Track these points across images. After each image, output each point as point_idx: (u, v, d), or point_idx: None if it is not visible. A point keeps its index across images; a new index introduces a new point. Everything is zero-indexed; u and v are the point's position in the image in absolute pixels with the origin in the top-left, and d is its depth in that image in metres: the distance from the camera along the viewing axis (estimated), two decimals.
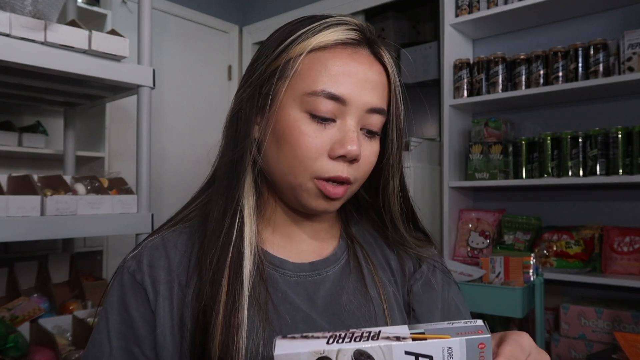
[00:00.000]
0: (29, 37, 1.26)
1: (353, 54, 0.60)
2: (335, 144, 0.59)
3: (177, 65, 3.12)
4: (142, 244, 0.65)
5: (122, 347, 0.60)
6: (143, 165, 1.52)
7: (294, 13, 3.23)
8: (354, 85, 0.59)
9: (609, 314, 1.83)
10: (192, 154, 3.12)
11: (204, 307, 0.57)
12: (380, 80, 0.62)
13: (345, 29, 0.61)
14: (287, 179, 0.60)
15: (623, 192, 2.04)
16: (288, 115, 0.59)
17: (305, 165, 0.59)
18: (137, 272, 0.61)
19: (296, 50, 0.59)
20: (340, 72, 0.59)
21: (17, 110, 2.50)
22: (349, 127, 0.59)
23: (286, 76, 0.59)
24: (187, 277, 0.61)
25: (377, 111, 0.61)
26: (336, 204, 0.62)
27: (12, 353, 1.39)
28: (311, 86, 0.58)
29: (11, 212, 1.23)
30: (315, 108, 0.58)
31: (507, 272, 1.62)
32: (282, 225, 0.67)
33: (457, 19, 2.23)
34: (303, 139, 0.58)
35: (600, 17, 2.10)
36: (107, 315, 0.61)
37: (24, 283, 1.81)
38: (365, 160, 0.62)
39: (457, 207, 2.31)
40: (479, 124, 2.24)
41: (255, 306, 0.59)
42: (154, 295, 0.60)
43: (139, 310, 0.60)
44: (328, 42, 0.59)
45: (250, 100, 0.62)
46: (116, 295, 0.62)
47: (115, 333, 0.60)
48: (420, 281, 0.71)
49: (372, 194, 0.71)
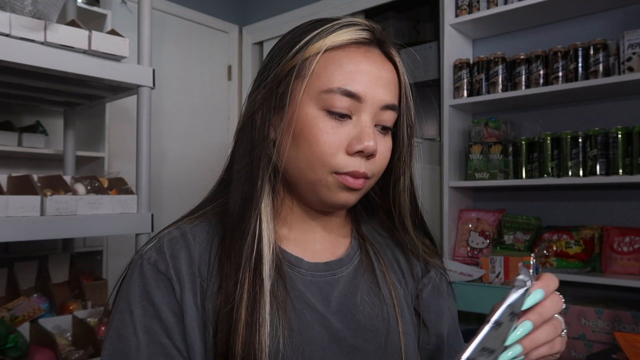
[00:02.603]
0: (29, 37, 1.26)
1: (366, 52, 0.62)
2: (352, 140, 0.60)
3: (177, 65, 3.12)
4: (160, 236, 0.64)
5: (151, 341, 0.58)
6: (143, 165, 1.52)
7: (294, 13, 3.22)
8: (369, 83, 0.61)
9: (609, 314, 1.83)
10: (192, 154, 3.12)
11: (226, 304, 0.57)
12: (391, 78, 0.64)
13: (357, 29, 0.63)
14: (307, 176, 0.62)
15: (623, 192, 2.04)
16: (306, 114, 0.61)
17: (324, 161, 0.60)
18: (159, 263, 0.60)
19: (312, 50, 0.61)
20: (355, 70, 0.61)
21: (17, 110, 2.50)
22: (365, 124, 0.61)
23: (303, 75, 0.61)
24: (208, 271, 0.61)
25: (390, 107, 0.63)
26: (357, 195, 0.64)
27: (12, 353, 1.39)
28: (327, 84, 0.60)
29: (11, 212, 1.23)
30: (332, 105, 0.60)
31: (507, 272, 1.62)
32: (297, 224, 0.68)
33: (457, 19, 2.23)
34: (321, 136, 0.60)
35: (600, 17, 2.10)
36: (130, 308, 0.59)
37: (24, 283, 1.81)
38: (381, 156, 0.63)
39: (457, 207, 2.31)
40: (479, 124, 2.24)
41: (275, 304, 0.60)
42: (179, 287, 0.59)
43: (164, 301, 0.59)
44: (342, 41, 0.62)
45: (266, 101, 0.63)
46: (138, 288, 0.60)
47: (141, 327, 0.58)
48: (429, 287, 0.73)
49: (382, 193, 0.72)
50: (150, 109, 1.53)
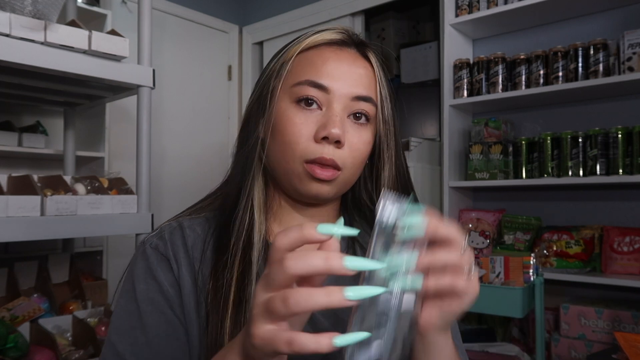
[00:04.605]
0: (29, 37, 1.26)
1: (337, 50, 0.66)
2: (319, 127, 0.63)
3: (177, 65, 3.12)
4: (161, 227, 0.69)
5: (154, 310, 0.63)
6: (143, 165, 1.52)
7: (294, 13, 3.22)
8: (337, 76, 0.64)
9: (609, 314, 1.83)
10: (192, 154, 3.12)
11: (220, 285, 0.61)
12: (365, 73, 0.66)
13: (332, 32, 0.68)
14: (282, 167, 0.65)
15: (623, 192, 2.04)
16: (280, 108, 0.65)
17: (294, 149, 0.63)
18: (160, 246, 0.66)
19: (290, 52, 0.67)
20: (324, 64, 0.65)
21: (17, 110, 2.50)
22: (333, 112, 0.63)
23: (281, 75, 0.66)
24: (202, 255, 0.65)
25: (362, 99, 0.65)
26: (327, 187, 0.64)
27: (12, 353, 1.39)
28: (297, 78, 0.65)
29: (11, 212, 1.23)
30: (300, 94, 0.64)
31: (507, 272, 1.62)
32: (285, 218, 0.71)
33: (457, 19, 2.23)
34: (290, 126, 0.63)
35: (600, 17, 2.10)
36: (133, 286, 0.64)
37: (24, 283, 1.81)
38: (353, 147, 0.64)
39: (457, 207, 2.31)
40: (479, 124, 2.24)
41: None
42: (176, 266, 0.64)
43: (166, 277, 0.64)
44: (316, 42, 0.67)
45: (255, 102, 0.69)
46: (141, 268, 0.65)
47: (144, 299, 0.63)
48: None
49: (373, 195, 0.73)
50: (150, 109, 1.53)
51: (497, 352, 1.74)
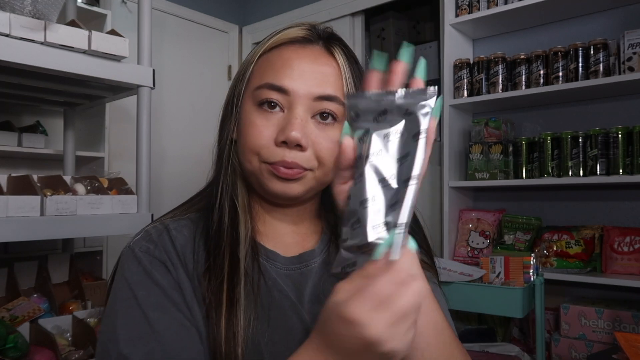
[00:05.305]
0: (29, 37, 1.26)
1: (299, 49, 0.66)
2: (279, 131, 0.62)
3: (177, 65, 3.12)
4: (145, 229, 0.68)
5: (162, 317, 0.60)
6: (143, 165, 1.52)
7: (293, 13, 3.22)
8: (297, 77, 0.63)
9: (609, 314, 1.83)
10: (192, 154, 3.12)
11: (212, 286, 0.61)
12: (330, 71, 0.65)
13: (297, 29, 0.67)
14: (247, 167, 0.66)
15: (623, 192, 2.04)
16: (244, 111, 0.66)
17: (253, 152, 0.64)
18: (151, 250, 0.64)
19: (254, 55, 0.68)
20: (283, 65, 0.64)
21: (17, 110, 2.50)
22: (294, 115, 0.62)
23: (244, 78, 0.67)
24: (194, 256, 0.64)
25: (326, 98, 0.63)
26: (294, 186, 0.64)
27: (12, 353, 1.39)
28: (259, 81, 0.65)
29: (11, 212, 1.23)
30: (261, 98, 0.64)
31: (507, 272, 1.62)
32: (266, 217, 0.71)
33: (457, 18, 2.22)
34: (251, 128, 0.64)
35: (600, 17, 2.10)
36: (133, 293, 0.61)
37: (24, 283, 1.81)
38: (320, 147, 0.63)
39: (457, 207, 2.31)
40: (479, 124, 2.23)
41: (249, 284, 0.63)
42: (172, 267, 0.63)
43: (165, 279, 0.62)
44: (278, 42, 0.67)
45: (226, 104, 0.70)
46: (136, 274, 0.62)
47: (149, 305, 0.60)
48: None
49: None
50: (150, 109, 1.53)
51: (497, 352, 1.74)
